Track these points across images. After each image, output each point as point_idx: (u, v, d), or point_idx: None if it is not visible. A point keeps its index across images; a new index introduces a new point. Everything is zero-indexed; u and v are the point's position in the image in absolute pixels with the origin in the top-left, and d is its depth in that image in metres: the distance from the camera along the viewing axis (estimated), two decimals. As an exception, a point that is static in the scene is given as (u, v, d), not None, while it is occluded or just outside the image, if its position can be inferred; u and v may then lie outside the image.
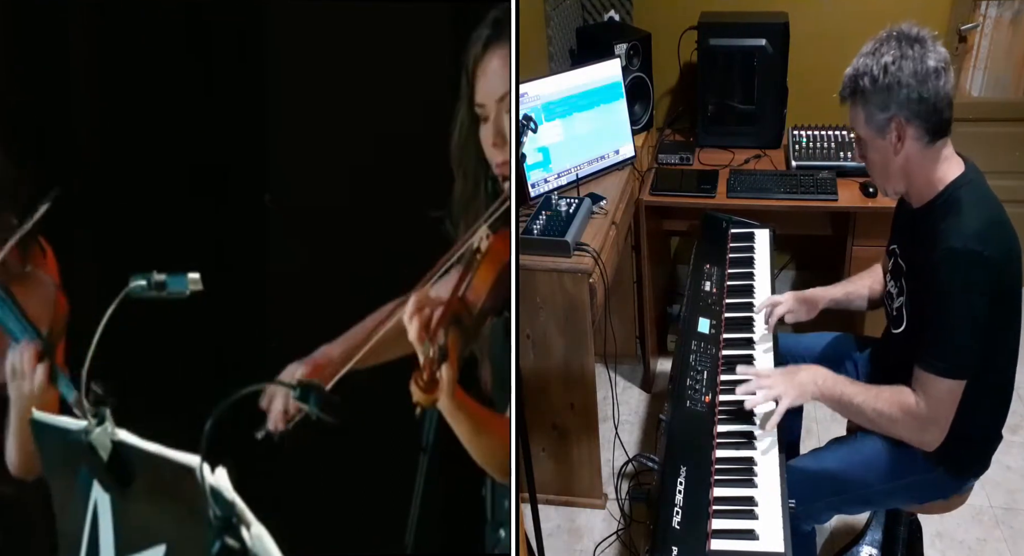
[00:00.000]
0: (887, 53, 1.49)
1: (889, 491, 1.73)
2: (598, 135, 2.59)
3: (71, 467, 1.08)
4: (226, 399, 0.93)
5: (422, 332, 1.15)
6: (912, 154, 1.55)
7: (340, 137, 1.58)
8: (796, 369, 1.70)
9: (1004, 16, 3.13)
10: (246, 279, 1.58)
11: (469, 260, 1.24)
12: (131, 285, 1.16)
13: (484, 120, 1.31)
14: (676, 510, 1.45)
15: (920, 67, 1.47)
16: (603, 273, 2.21)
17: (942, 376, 1.51)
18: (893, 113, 1.50)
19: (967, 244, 1.47)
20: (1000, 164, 3.21)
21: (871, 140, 1.57)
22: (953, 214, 1.51)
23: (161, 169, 1.54)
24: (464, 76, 1.31)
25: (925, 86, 1.48)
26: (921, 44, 1.49)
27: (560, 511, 2.57)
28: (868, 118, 1.54)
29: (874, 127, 1.54)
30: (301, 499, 1.52)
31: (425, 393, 1.14)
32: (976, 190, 1.56)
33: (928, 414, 1.54)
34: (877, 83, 1.49)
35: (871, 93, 1.51)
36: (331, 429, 1.04)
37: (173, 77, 1.53)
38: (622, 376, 3.17)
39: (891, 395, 1.58)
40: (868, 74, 1.50)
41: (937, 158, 1.56)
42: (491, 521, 1.35)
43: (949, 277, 1.48)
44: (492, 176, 1.33)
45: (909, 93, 1.48)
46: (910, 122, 1.51)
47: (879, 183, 1.67)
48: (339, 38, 1.54)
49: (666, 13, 3.06)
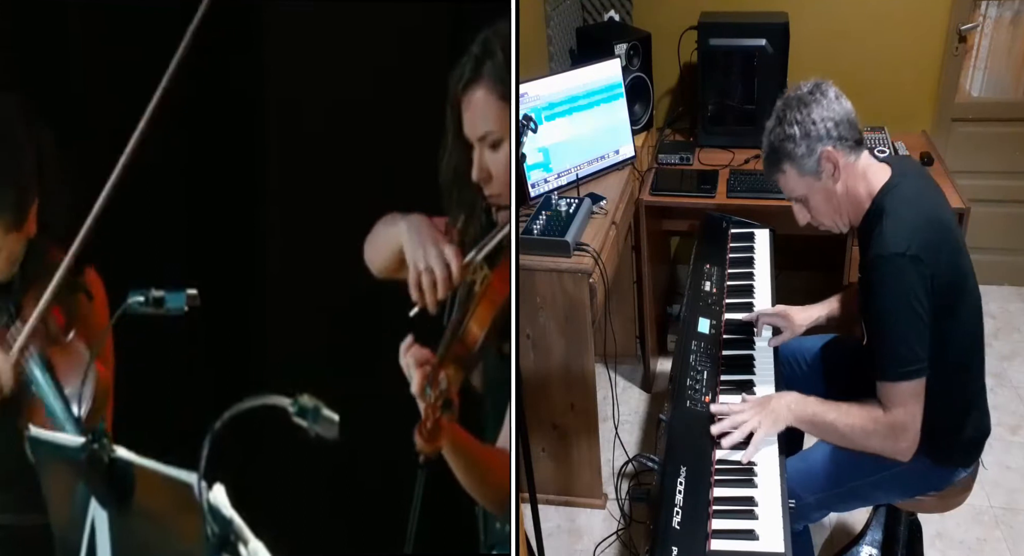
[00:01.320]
0: (789, 113, 1.60)
1: (876, 483, 1.73)
2: (598, 135, 2.59)
3: (69, 484, 1.07)
4: (223, 416, 0.93)
5: (423, 383, 1.15)
6: (848, 174, 1.62)
7: (336, 162, 1.58)
8: (767, 399, 1.71)
9: (1004, 16, 3.13)
10: (242, 295, 1.59)
11: (464, 298, 1.23)
12: (129, 301, 1.16)
13: (471, 148, 1.28)
14: (676, 510, 1.46)
15: (824, 100, 1.59)
16: (603, 273, 2.21)
17: (897, 381, 1.54)
18: (820, 150, 1.59)
19: (889, 248, 1.51)
20: (1000, 164, 3.22)
21: (811, 187, 1.65)
22: (880, 224, 1.56)
23: (159, 185, 1.55)
24: (450, 108, 1.28)
25: (832, 110, 1.58)
26: (813, 92, 1.60)
27: (560, 511, 2.57)
28: (800, 171, 1.62)
29: (809, 174, 1.62)
30: (298, 515, 1.52)
31: (428, 443, 1.14)
32: (899, 193, 1.60)
33: (897, 420, 1.56)
34: (795, 138, 1.59)
35: (794, 148, 1.60)
36: (329, 446, 1.04)
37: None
38: (622, 376, 3.17)
39: (860, 409, 1.60)
40: (783, 138, 1.61)
41: (863, 171, 1.63)
42: (484, 542, 1.34)
43: (880, 284, 1.53)
44: (485, 208, 1.31)
45: (826, 125, 1.58)
46: (837, 148, 1.59)
47: (832, 223, 1.71)
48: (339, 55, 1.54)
49: (666, 13, 3.06)
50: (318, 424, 1.03)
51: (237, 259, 1.59)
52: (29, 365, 1.23)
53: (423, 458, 1.14)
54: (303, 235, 1.59)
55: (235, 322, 1.53)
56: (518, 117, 1.70)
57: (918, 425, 1.56)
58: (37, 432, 1.10)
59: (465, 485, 1.22)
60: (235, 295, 1.52)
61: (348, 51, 1.56)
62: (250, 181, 1.63)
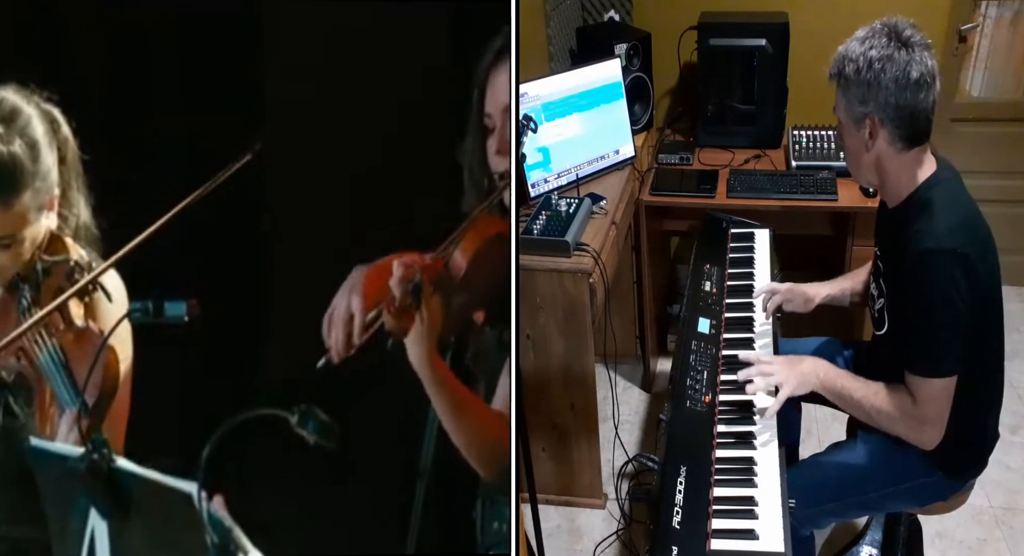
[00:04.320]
0: (874, 47, 1.48)
1: (888, 496, 1.73)
2: (598, 135, 2.59)
3: (68, 494, 1.07)
4: (224, 426, 0.93)
5: (404, 277, 1.18)
6: (884, 154, 1.55)
7: (339, 170, 1.59)
8: (799, 359, 1.70)
9: (1004, 16, 3.13)
10: (243, 304, 1.58)
11: (453, 234, 1.27)
12: (129, 311, 1.16)
13: (491, 130, 1.33)
14: (676, 510, 1.46)
15: (901, 75, 1.46)
16: (603, 273, 2.21)
17: (931, 377, 1.52)
18: (869, 111, 1.50)
19: (940, 243, 1.47)
20: (1000, 164, 3.22)
21: (847, 127, 1.58)
22: (926, 215, 1.52)
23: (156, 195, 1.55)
24: (476, 88, 1.32)
25: (903, 95, 1.47)
26: (909, 49, 1.46)
27: (560, 511, 2.57)
28: (847, 105, 1.54)
29: (851, 116, 1.54)
30: (298, 525, 1.52)
31: (395, 320, 1.16)
32: (948, 189, 1.56)
33: (923, 414, 1.54)
34: (860, 74, 1.48)
35: (852, 83, 1.51)
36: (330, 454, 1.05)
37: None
38: (622, 376, 3.17)
39: (889, 394, 1.58)
40: (854, 62, 1.49)
41: (911, 162, 1.56)
42: (481, 543, 1.34)
43: (927, 278, 1.49)
44: (494, 186, 1.33)
45: (887, 96, 1.47)
46: (884, 125, 1.51)
47: (851, 170, 1.68)
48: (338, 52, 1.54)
49: (666, 13, 3.06)
50: (318, 433, 1.03)
51: (238, 268, 1.59)
52: (42, 352, 1.24)
53: (391, 342, 1.17)
54: (305, 243, 1.59)
55: (235, 331, 1.53)
56: (518, 117, 1.70)
57: (945, 419, 1.54)
58: (38, 442, 1.10)
59: (456, 439, 1.22)
60: (235, 304, 1.52)
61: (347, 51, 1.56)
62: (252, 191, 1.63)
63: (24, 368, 1.26)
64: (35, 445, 1.09)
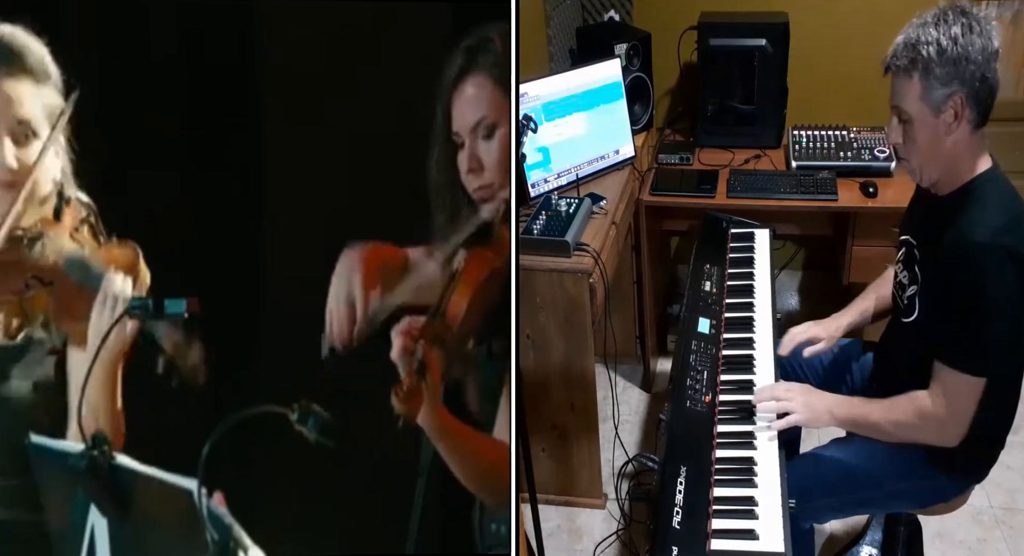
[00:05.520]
0: (954, 24, 1.39)
1: (890, 494, 1.73)
2: (598, 135, 2.59)
3: (68, 491, 1.07)
4: (224, 423, 0.93)
5: (404, 348, 1.15)
6: (961, 138, 1.47)
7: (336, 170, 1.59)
8: (820, 395, 1.68)
9: (1004, 16, 3.13)
10: (242, 303, 1.58)
11: (447, 282, 1.24)
12: (129, 306, 1.16)
13: (460, 147, 1.28)
14: (676, 510, 1.46)
15: (988, 45, 1.39)
16: (603, 273, 2.21)
17: (966, 373, 1.48)
18: (955, 89, 1.41)
19: (996, 239, 1.41)
20: (1000, 164, 3.21)
21: (922, 118, 1.46)
22: (979, 206, 1.46)
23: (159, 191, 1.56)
24: (439, 108, 1.28)
25: (990, 66, 1.40)
26: (986, 22, 1.41)
27: (560, 511, 2.57)
28: (925, 92, 1.43)
29: (930, 103, 1.44)
30: (298, 522, 1.52)
31: (405, 404, 1.13)
32: (1003, 186, 1.52)
33: (946, 412, 1.51)
34: (945, 54, 1.39)
35: (935, 65, 1.40)
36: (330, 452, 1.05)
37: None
38: (622, 376, 3.17)
39: (905, 404, 1.56)
40: (934, 44, 1.40)
41: (978, 146, 1.50)
42: (480, 543, 1.34)
43: (978, 271, 1.43)
44: (470, 203, 1.30)
45: (975, 70, 1.39)
46: (968, 103, 1.42)
47: (917, 166, 1.55)
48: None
49: (666, 13, 3.06)
50: (318, 431, 1.03)
51: (236, 266, 1.59)
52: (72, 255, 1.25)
53: (401, 422, 1.14)
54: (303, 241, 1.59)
55: (235, 328, 1.53)
56: (518, 117, 1.70)
57: (968, 418, 1.51)
58: (38, 439, 1.10)
59: (460, 476, 1.21)
60: (234, 302, 1.52)
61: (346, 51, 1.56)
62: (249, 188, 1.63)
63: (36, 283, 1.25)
64: (35, 442, 1.09)
